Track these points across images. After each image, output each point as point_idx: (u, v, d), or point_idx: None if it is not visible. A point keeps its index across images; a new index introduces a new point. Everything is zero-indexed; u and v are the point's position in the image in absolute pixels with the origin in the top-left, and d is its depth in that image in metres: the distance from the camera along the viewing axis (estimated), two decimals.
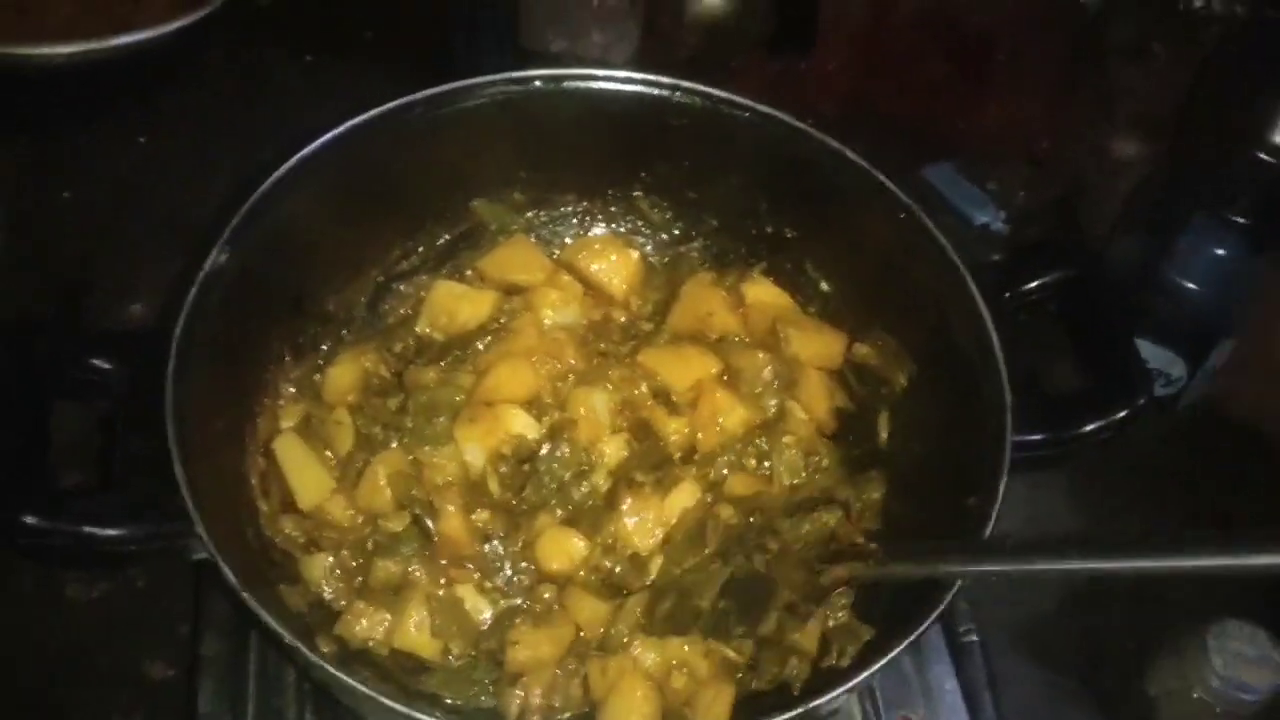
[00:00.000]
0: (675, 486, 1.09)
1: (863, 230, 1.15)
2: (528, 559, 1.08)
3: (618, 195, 1.27)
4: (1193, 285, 1.29)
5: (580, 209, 1.28)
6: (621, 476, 1.10)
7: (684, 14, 1.62)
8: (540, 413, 1.13)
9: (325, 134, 1.08)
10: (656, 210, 1.27)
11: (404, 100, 1.11)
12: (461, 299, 1.20)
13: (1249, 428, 1.38)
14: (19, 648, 1.15)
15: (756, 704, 1.00)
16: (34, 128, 1.50)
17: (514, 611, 1.06)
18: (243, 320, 1.06)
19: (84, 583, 1.18)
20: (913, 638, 0.90)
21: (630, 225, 1.28)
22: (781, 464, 1.12)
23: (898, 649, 0.90)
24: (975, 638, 1.15)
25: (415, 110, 1.12)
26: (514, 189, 1.24)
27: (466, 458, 1.10)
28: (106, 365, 1.02)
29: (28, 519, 0.91)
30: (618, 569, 1.07)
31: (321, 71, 1.60)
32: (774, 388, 1.15)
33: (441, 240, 1.24)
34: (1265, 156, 1.23)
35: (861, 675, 0.90)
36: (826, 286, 1.21)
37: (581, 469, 1.10)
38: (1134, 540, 0.84)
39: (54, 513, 0.92)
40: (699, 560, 1.05)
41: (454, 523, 1.06)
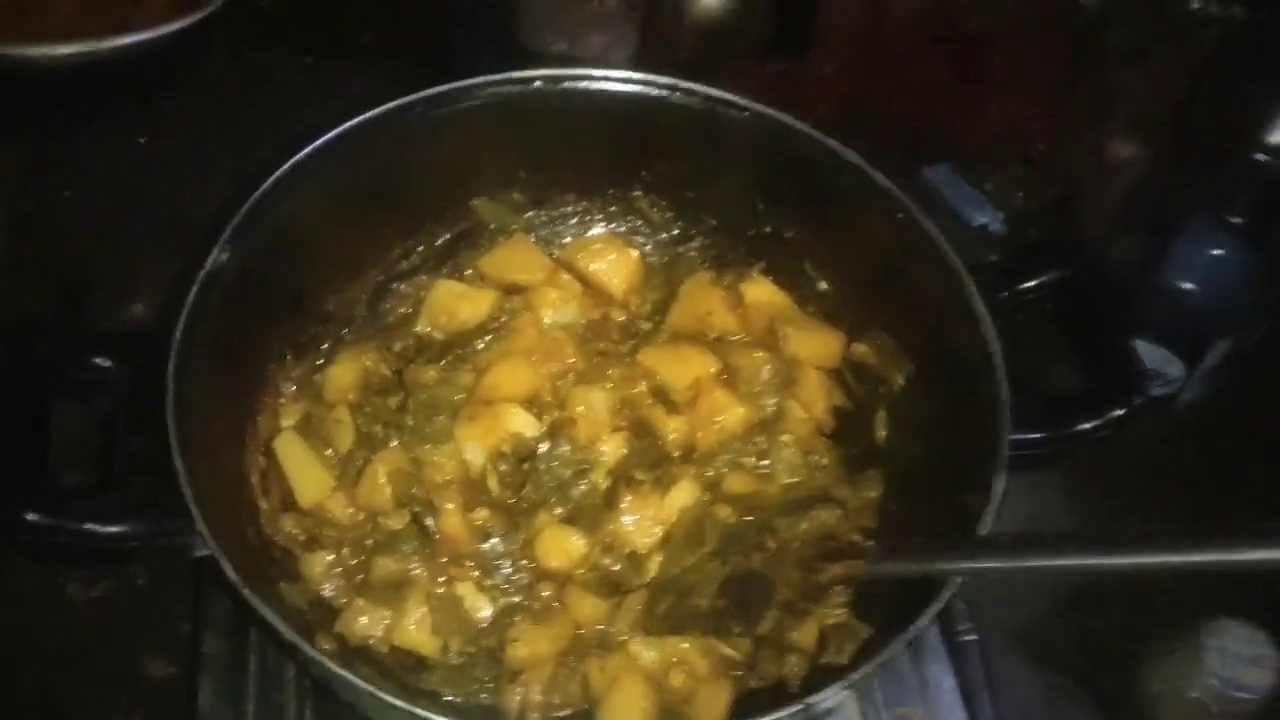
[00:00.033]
0: (674, 485, 1.09)
1: (861, 230, 1.15)
2: (527, 557, 1.08)
3: (617, 195, 1.27)
4: (1190, 286, 1.29)
5: (580, 209, 1.28)
6: (620, 475, 1.10)
7: (683, 15, 1.62)
8: (540, 411, 1.13)
9: (325, 134, 1.08)
10: (656, 210, 1.27)
11: (404, 100, 1.12)
12: (461, 298, 1.20)
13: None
14: (19, 647, 1.15)
15: (754, 701, 1.00)
16: (34, 128, 1.50)
17: (513, 609, 1.06)
18: (243, 320, 1.06)
19: (84, 582, 1.18)
20: (910, 635, 0.90)
21: (629, 225, 1.28)
22: (780, 463, 1.12)
23: (895, 647, 0.90)
24: (973, 637, 1.15)
25: (415, 110, 1.12)
26: (514, 189, 1.24)
27: (466, 456, 1.10)
28: (106, 365, 1.02)
29: (30, 516, 0.91)
30: (617, 567, 1.07)
31: (321, 71, 1.60)
32: (772, 387, 1.15)
33: (441, 240, 1.24)
34: (1263, 157, 1.23)
35: (859, 673, 0.90)
36: (825, 286, 1.21)
37: (581, 467, 1.10)
38: (1131, 537, 0.84)
39: (56, 511, 0.92)
40: (698, 558, 1.06)
41: (454, 521, 1.07)
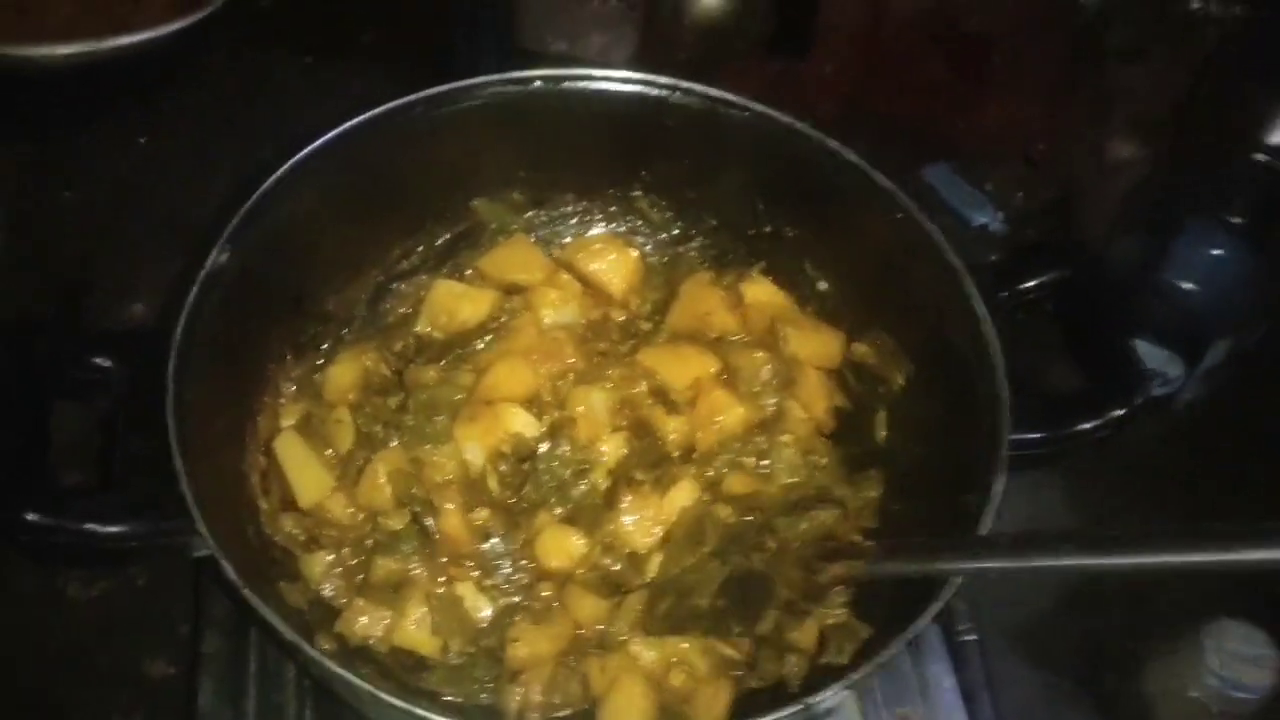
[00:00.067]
0: (674, 485, 1.09)
1: (861, 230, 1.15)
2: (527, 557, 1.08)
3: (617, 195, 1.27)
4: (1190, 286, 1.29)
5: (579, 209, 1.28)
6: (620, 475, 1.10)
7: (683, 15, 1.62)
8: (540, 411, 1.13)
9: (325, 134, 1.08)
10: (655, 210, 1.27)
11: (404, 100, 1.12)
12: (461, 298, 1.20)
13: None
14: (19, 648, 1.15)
15: (754, 701, 1.00)
16: (34, 128, 1.50)
17: (513, 609, 1.06)
18: (243, 320, 1.06)
19: (84, 582, 1.18)
20: (910, 635, 0.90)
21: (629, 225, 1.28)
22: (780, 463, 1.12)
23: (895, 647, 0.90)
24: (973, 637, 1.16)
25: (415, 110, 1.12)
26: (514, 189, 1.24)
27: (466, 456, 1.10)
28: (106, 365, 1.02)
29: (30, 516, 0.91)
30: (617, 567, 1.07)
31: (321, 71, 1.60)
32: (772, 387, 1.15)
33: (441, 240, 1.24)
34: (1263, 157, 1.23)
35: (859, 673, 0.90)
36: (825, 286, 1.21)
37: (581, 467, 1.10)
38: (1131, 537, 0.84)
39: (56, 511, 0.92)
40: (698, 558, 1.05)
41: (454, 521, 1.07)
